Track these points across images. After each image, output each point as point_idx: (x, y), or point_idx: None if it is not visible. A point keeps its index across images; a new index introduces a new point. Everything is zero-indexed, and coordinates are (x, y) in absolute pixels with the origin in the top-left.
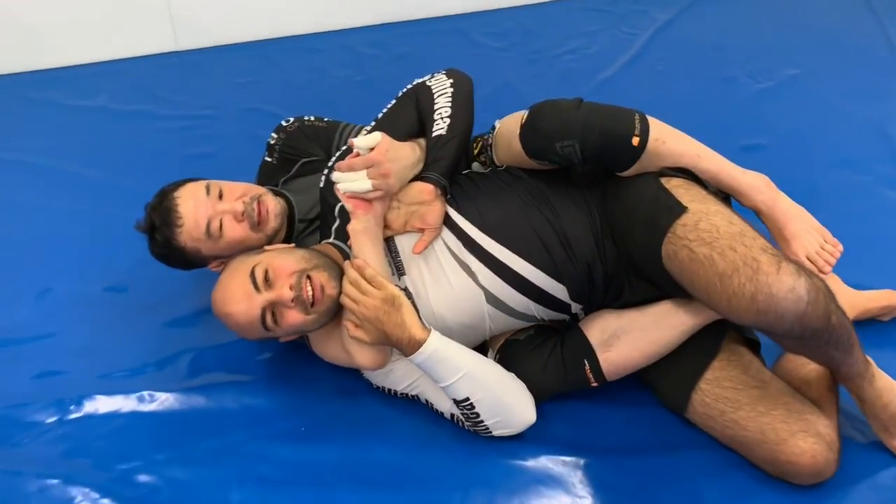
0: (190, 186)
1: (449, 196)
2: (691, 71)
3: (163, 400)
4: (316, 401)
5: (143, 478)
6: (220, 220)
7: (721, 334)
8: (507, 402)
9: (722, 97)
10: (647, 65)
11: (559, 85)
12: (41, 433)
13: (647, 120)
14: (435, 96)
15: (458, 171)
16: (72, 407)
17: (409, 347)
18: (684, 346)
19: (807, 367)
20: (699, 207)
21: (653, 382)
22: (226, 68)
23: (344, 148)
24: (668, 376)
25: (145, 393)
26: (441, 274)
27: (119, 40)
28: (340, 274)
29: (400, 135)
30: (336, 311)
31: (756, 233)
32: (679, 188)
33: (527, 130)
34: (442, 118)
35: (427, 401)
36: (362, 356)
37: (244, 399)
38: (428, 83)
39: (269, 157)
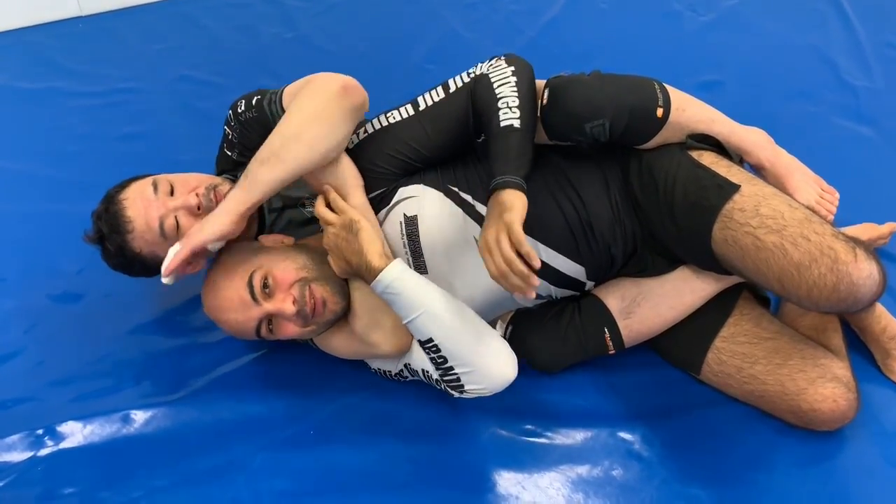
0: (136, 186)
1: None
2: (633, 7)
3: (149, 418)
4: (318, 401)
5: None
6: (175, 217)
7: (735, 293)
8: (479, 349)
9: (668, 33)
10: (590, 3)
11: (505, 30)
12: (12, 474)
13: (666, 89)
14: (495, 85)
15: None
16: (45, 439)
17: (368, 275)
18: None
19: (811, 314)
20: (753, 189)
21: (663, 345)
22: (140, 33)
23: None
24: (682, 337)
25: (129, 413)
26: (465, 273)
27: (13, 8)
28: (345, 287)
29: (445, 131)
30: (334, 322)
31: (816, 214)
32: (716, 164)
33: (551, 112)
34: (510, 107)
35: (423, 370)
36: (385, 343)
37: (240, 407)
38: (486, 71)
39: (229, 150)
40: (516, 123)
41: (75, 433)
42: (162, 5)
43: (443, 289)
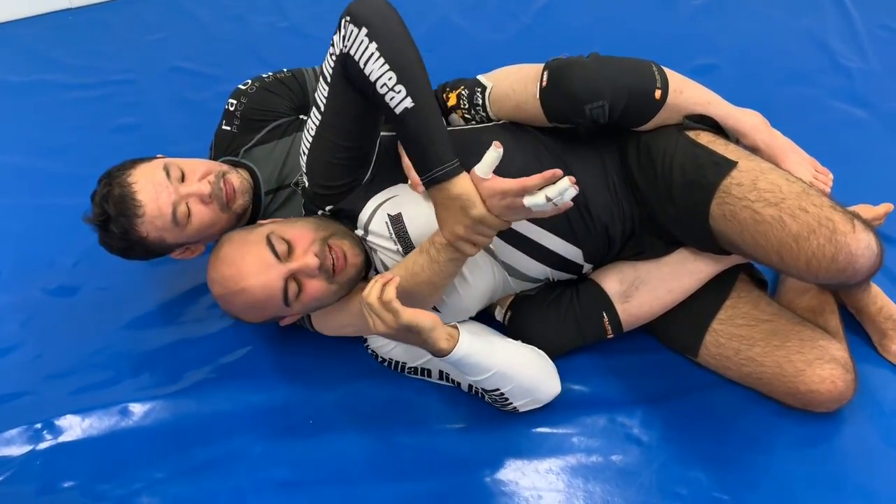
0: (144, 168)
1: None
2: None
3: (148, 410)
4: (317, 390)
5: (145, 501)
6: (187, 204)
7: (733, 275)
8: (536, 383)
9: (662, 17)
10: None
11: (499, 16)
12: (11, 469)
13: (664, 71)
14: (361, 64)
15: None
16: (44, 433)
17: (435, 355)
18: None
19: (807, 295)
20: (750, 164)
21: (661, 328)
22: (132, 24)
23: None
24: (680, 320)
25: (127, 405)
26: None
27: (2, 1)
28: (358, 242)
29: (356, 120)
30: (355, 282)
31: (813, 188)
32: (714, 143)
33: (551, 94)
34: (391, 88)
35: (444, 373)
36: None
37: (239, 397)
38: (346, 50)
39: (228, 125)
40: (408, 104)
41: (74, 427)
42: None
43: None
